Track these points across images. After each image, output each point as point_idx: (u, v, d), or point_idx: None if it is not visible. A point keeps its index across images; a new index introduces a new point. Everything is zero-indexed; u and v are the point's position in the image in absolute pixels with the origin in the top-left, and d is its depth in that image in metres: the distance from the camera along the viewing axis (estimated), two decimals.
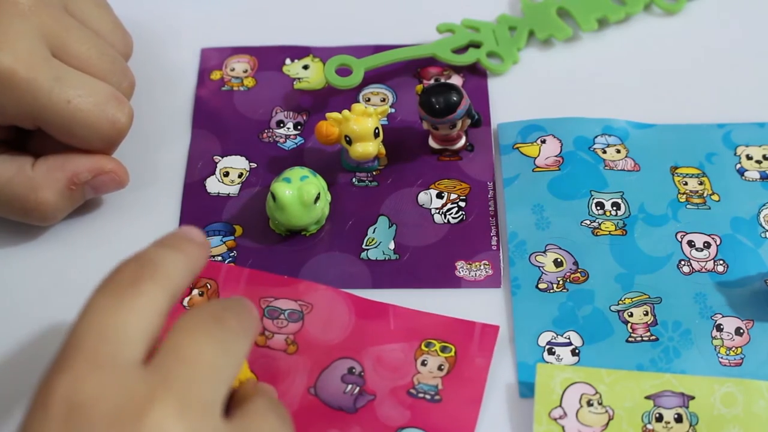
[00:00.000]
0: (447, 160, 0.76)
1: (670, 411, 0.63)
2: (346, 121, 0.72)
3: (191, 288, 0.69)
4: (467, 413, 0.64)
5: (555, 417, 0.63)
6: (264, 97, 0.79)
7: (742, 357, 0.67)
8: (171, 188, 0.75)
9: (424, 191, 0.74)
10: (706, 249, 0.71)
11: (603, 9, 0.83)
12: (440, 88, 0.72)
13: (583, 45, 0.82)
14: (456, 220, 0.73)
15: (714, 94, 0.79)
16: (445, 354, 0.66)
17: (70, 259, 0.72)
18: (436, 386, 0.65)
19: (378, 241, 0.72)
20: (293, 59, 0.81)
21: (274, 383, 0.65)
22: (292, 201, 0.69)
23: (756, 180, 0.74)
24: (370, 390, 0.65)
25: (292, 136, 0.77)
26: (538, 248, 0.71)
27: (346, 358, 0.67)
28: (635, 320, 0.68)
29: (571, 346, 0.67)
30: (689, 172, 0.74)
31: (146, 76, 0.81)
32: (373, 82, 0.80)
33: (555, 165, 0.75)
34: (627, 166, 0.74)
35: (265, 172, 0.75)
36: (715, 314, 0.68)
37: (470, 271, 0.71)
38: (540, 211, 0.72)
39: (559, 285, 0.69)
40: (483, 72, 0.81)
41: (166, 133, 0.78)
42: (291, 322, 0.68)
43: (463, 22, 0.82)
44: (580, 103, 0.78)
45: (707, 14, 0.84)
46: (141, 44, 0.84)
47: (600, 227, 0.72)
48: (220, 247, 0.72)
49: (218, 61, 0.81)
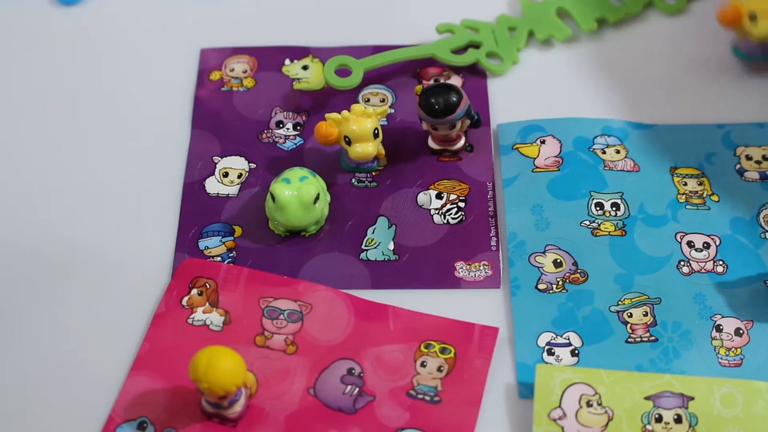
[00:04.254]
0: (446, 161, 0.76)
1: (670, 411, 0.63)
2: (345, 121, 0.72)
3: (190, 288, 0.69)
4: (466, 414, 0.64)
5: (554, 418, 0.63)
6: (263, 97, 0.79)
7: (742, 357, 0.66)
8: (170, 188, 0.75)
9: (423, 192, 0.74)
10: (706, 249, 0.71)
11: (602, 9, 0.83)
12: (440, 89, 0.72)
13: (583, 45, 0.82)
14: (455, 220, 0.73)
15: (714, 94, 0.79)
16: (444, 355, 0.66)
17: (70, 258, 0.72)
18: (436, 387, 0.65)
19: (377, 242, 0.72)
20: (293, 60, 0.81)
21: (273, 383, 0.65)
22: (291, 201, 0.69)
23: (755, 180, 0.74)
24: (369, 391, 0.65)
25: (291, 137, 0.77)
26: (537, 249, 0.71)
27: (345, 359, 0.67)
28: (635, 321, 0.68)
29: (570, 346, 0.67)
30: (689, 172, 0.74)
31: (146, 76, 0.81)
32: (372, 83, 0.80)
33: (554, 165, 0.75)
34: (626, 167, 0.74)
35: (264, 173, 0.75)
36: (714, 315, 0.68)
37: (470, 271, 0.70)
38: (539, 212, 0.72)
39: (558, 285, 0.69)
40: (482, 72, 0.80)
41: (166, 134, 0.78)
42: (290, 323, 0.68)
43: (463, 23, 0.82)
44: (580, 103, 0.78)
45: (707, 14, 0.84)
46: (141, 44, 0.84)
47: (599, 228, 0.72)
48: (219, 247, 0.72)
49: (218, 61, 0.81)
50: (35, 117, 0.79)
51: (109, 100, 0.80)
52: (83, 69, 0.82)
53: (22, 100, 0.80)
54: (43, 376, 0.67)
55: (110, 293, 0.70)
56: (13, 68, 0.82)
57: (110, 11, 0.85)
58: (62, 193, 0.75)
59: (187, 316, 0.68)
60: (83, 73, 0.82)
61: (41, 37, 0.84)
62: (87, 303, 0.70)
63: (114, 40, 0.84)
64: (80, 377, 0.67)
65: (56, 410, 0.65)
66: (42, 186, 0.75)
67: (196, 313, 0.68)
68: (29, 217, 0.74)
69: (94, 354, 0.68)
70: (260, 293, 0.69)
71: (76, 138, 0.78)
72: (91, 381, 0.66)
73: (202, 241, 0.72)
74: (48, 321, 0.69)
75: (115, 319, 0.69)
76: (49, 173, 0.76)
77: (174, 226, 0.73)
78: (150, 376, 0.66)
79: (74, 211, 0.74)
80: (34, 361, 0.67)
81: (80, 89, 0.81)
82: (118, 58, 0.83)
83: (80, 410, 0.65)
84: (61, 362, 0.67)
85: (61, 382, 0.66)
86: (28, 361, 0.67)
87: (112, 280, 0.71)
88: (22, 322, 0.69)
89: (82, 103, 0.80)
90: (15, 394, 0.66)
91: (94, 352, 0.68)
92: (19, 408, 0.66)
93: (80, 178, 0.76)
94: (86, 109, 0.79)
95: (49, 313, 0.69)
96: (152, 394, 0.65)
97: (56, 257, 0.72)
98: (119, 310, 0.69)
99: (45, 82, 0.81)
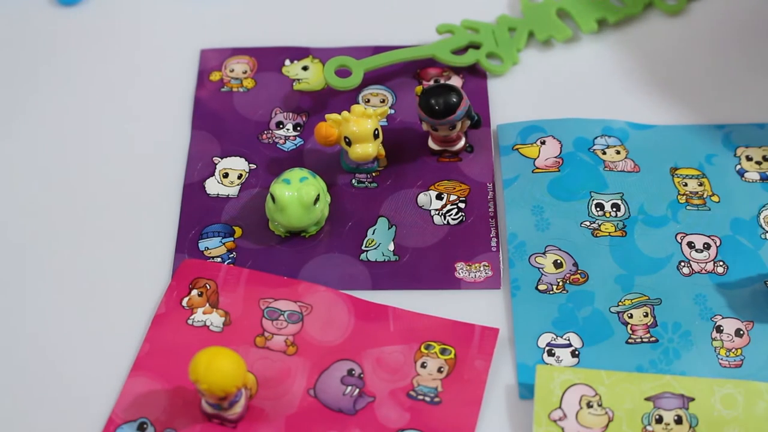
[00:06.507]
0: (447, 162, 0.76)
1: (670, 412, 0.63)
2: (345, 122, 0.72)
3: (190, 288, 0.69)
4: (467, 415, 0.64)
5: (555, 418, 0.63)
6: (263, 98, 0.79)
7: (742, 358, 0.66)
8: (171, 189, 0.75)
9: (423, 192, 0.74)
10: (706, 250, 0.71)
11: (603, 10, 0.83)
12: (440, 90, 0.72)
13: (583, 46, 0.82)
14: (456, 221, 0.73)
15: (714, 95, 0.79)
16: (444, 356, 0.66)
17: (70, 259, 0.72)
18: (436, 388, 0.65)
19: (377, 243, 0.72)
20: (293, 60, 0.81)
21: (273, 384, 0.65)
22: (291, 202, 0.69)
23: (756, 181, 0.74)
24: (369, 392, 0.65)
25: (291, 138, 0.77)
26: (537, 249, 0.71)
27: (345, 360, 0.67)
28: (635, 321, 0.68)
29: (570, 347, 0.67)
30: (689, 173, 0.74)
31: (146, 77, 0.81)
32: (372, 83, 0.80)
33: (555, 166, 0.75)
34: (627, 167, 0.74)
35: (264, 174, 0.75)
36: (715, 315, 0.68)
37: (470, 272, 0.70)
38: (540, 213, 0.72)
39: (558, 286, 0.69)
40: (483, 73, 0.80)
41: (166, 134, 0.78)
42: (290, 324, 0.68)
43: (463, 23, 0.82)
44: (580, 104, 0.78)
45: (707, 14, 0.84)
46: (141, 44, 0.84)
47: (600, 228, 0.72)
48: (219, 248, 0.72)
49: (218, 62, 0.81)
50: (35, 117, 0.79)
51: (109, 101, 0.80)
52: (83, 69, 0.82)
53: (22, 100, 0.80)
54: (43, 377, 0.67)
55: (110, 293, 0.70)
56: (13, 68, 0.82)
57: (110, 12, 0.85)
58: (62, 193, 0.75)
59: (187, 317, 0.68)
60: (83, 74, 0.82)
61: (41, 37, 0.84)
62: (87, 303, 0.70)
63: (114, 41, 0.84)
64: (80, 377, 0.67)
65: (56, 410, 0.65)
66: (42, 186, 0.75)
67: (196, 314, 0.68)
68: (29, 217, 0.74)
69: (94, 354, 0.68)
70: (260, 294, 0.69)
71: (75, 138, 0.78)
72: (91, 381, 0.66)
73: (202, 242, 0.72)
74: (48, 321, 0.69)
75: (115, 319, 0.69)
76: (49, 173, 0.76)
77: (174, 227, 0.73)
78: (150, 377, 0.66)
79: (74, 211, 0.74)
80: (34, 361, 0.67)
81: (80, 90, 0.81)
82: (118, 58, 0.83)
83: (80, 411, 0.65)
84: (61, 362, 0.67)
85: (61, 383, 0.66)
86: (29, 361, 0.67)
87: (112, 280, 0.71)
88: (22, 322, 0.69)
89: (82, 103, 0.80)
90: (15, 394, 0.66)
91: (94, 352, 0.68)
92: (20, 408, 0.66)
93: (80, 178, 0.76)
94: (86, 110, 0.79)
95: (49, 313, 0.69)
96: (152, 395, 0.65)
97: (56, 257, 0.72)
98: (119, 311, 0.69)
99: (45, 82, 0.81)
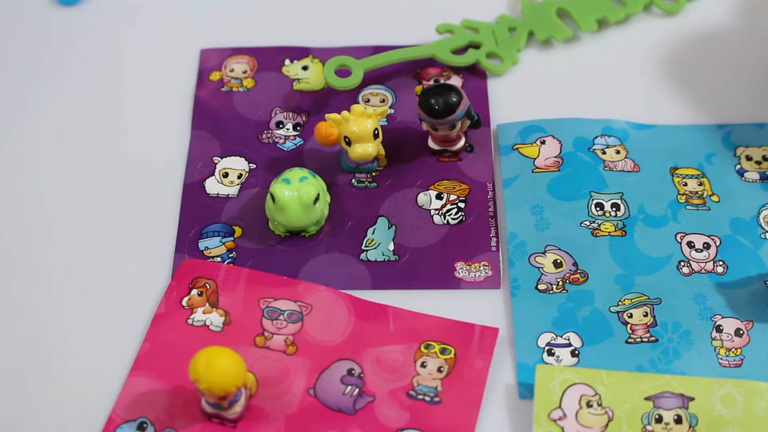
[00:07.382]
0: (446, 161, 0.76)
1: (670, 412, 0.63)
2: (345, 122, 0.72)
3: (190, 288, 0.69)
4: (467, 415, 0.64)
5: (554, 418, 0.63)
6: (263, 98, 0.79)
7: (742, 358, 0.66)
8: (170, 189, 0.75)
9: (423, 192, 0.74)
10: (706, 250, 0.71)
11: (603, 10, 0.83)
12: (440, 89, 0.72)
13: (583, 45, 0.82)
14: (455, 221, 0.73)
15: (714, 95, 0.79)
16: (444, 356, 0.66)
17: (70, 259, 0.72)
18: (436, 388, 0.65)
19: (377, 242, 0.72)
20: (292, 60, 0.81)
21: (273, 384, 0.65)
22: (291, 202, 0.69)
23: (756, 181, 0.74)
24: (369, 391, 0.65)
25: (291, 137, 0.77)
26: (537, 249, 0.71)
27: (345, 360, 0.67)
28: (635, 321, 0.68)
29: (570, 347, 0.67)
30: (689, 172, 0.74)
31: (146, 77, 0.81)
32: (372, 83, 0.80)
33: (554, 166, 0.75)
34: (626, 167, 0.74)
35: (264, 173, 0.75)
36: (714, 315, 0.68)
37: (470, 272, 0.70)
38: (539, 212, 0.72)
39: (558, 286, 0.69)
40: (482, 73, 0.80)
41: (166, 134, 0.78)
42: (290, 323, 0.68)
43: (463, 23, 0.82)
44: (580, 103, 0.78)
45: (707, 14, 0.84)
46: (141, 44, 0.84)
47: (600, 228, 0.72)
48: (219, 248, 0.72)
49: (217, 61, 0.81)
50: (35, 117, 0.79)
51: (109, 100, 0.80)
52: (83, 69, 0.82)
53: (22, 100, 0.80)
54: (43, 376, 0.67)
55: (110, 293, 0.70)
56: (13, 68, 0.82)
57: (110, 12, 0.85)
58: (62, 192, 0.75)
59: (187, 316, 0.68)
60: (83, 74, 0.82)
61: (41, 37, 0.84)
62: (87, 303, 0.70)
63: (114, 41, 0.84)
64: (80, 377, 0.67)
65: (56, 410, 0.65)
66: (42, 186, 0.75)
67: (196, 313, 0.68)
68: (29, 217, 0.74)
69: (94, 354, 0.68)
70: (260, 294, 0.69)
71: (75, 138, 0.78)
72: (91, 381, 0.66)
73: (202, 242, 0.72)
74: (48, 321, 0.69)
75: (115, 319, 0.69)
76: (49, 173, 0.76)
77: (174, 227, 0.73)
78: (150, 376, 0.66)
79: (74, 210, 0.74)
80: (34, 361, 0.67)
81: (80, 89, 0.81)
82: (118, 58, 0.83)
83: (80, 410, 0.65)
84: (61, 362, 0.67)
85: (61, 382, 0.66)
86: (29, 361, 0.67)
87: (112, 280, 0.71)
88: (22, 322, 0.69)
89: (82, 103, 0.80)
90: (15, 394, 0.66)
91: (94, 352, 0.68)
92: (20, 408, 0.66)
93: (80, 178, 0.76)
94: (86, 110, 0.79)
95: (49, 313, 0.69)
96: (152, 395, 0.65)
97: (56, 257, 0.72)
98: (119, 310, 0.69)
99: (45, 82, 0.81)
